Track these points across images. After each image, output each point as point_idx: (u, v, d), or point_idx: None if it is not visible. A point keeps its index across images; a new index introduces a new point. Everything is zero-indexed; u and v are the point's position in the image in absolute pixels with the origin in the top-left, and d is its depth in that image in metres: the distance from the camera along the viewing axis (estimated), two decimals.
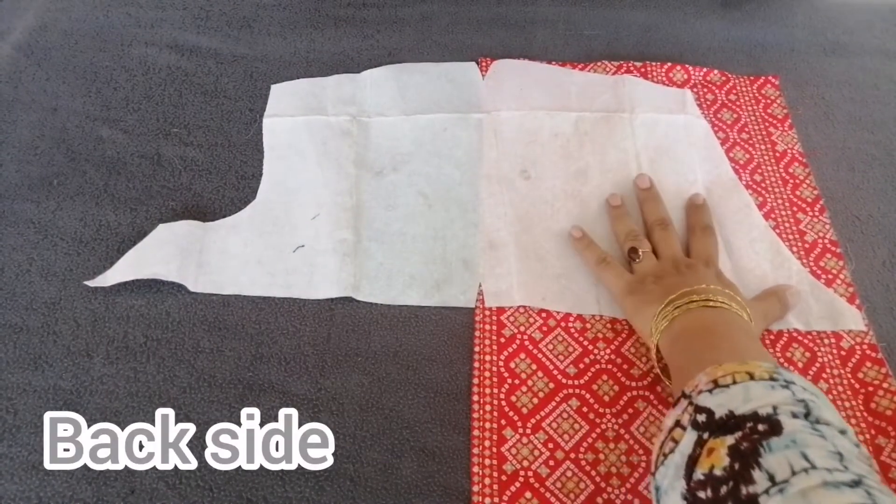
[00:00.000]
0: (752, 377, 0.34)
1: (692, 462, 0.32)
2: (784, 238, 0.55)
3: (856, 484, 0.27)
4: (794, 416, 0.31)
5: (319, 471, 0.44)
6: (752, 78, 0.65)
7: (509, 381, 0.48)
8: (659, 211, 0.53)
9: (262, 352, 0.49)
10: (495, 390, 0.48)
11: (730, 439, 0.31)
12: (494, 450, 0.45)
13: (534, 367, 0.49)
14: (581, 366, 0.49)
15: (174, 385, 0.48)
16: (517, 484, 0.44)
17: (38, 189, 0.58)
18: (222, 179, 0.59)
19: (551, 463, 0.45)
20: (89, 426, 0.46)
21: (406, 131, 0.61)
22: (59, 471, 0.44)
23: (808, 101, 0.64)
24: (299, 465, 0.44)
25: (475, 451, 0.45)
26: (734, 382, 0.34)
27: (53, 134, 0.61)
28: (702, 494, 0.31)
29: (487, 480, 0.44)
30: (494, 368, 0.49)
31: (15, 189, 0.58)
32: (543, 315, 0.51)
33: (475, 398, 0.47)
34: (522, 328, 0.50)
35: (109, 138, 0.61)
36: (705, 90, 0.64)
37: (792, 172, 0.59)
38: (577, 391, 0.47)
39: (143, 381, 0.48)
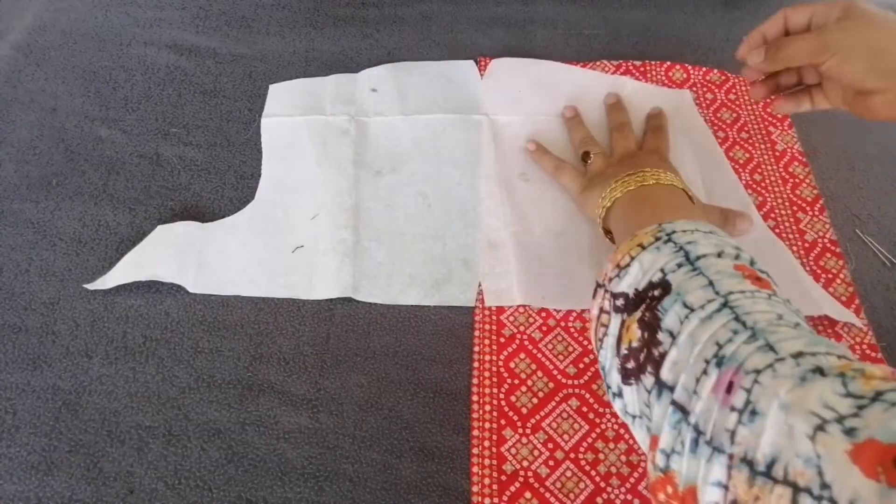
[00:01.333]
0: (642, 247, 0.38)
1: (619, 342, 0.37)
2: (784, 237, 0.55)
3: (722, 306, 0.32)
4: (679, 265, 0.35)
5: (319, 471, 0.44)
6: None
7: (509, 381, 0.48)
8: (619, 117, 0.58)
9: (262, 352, 0.49)
10: (495, 390, 0.48)
11: (638, 314, 0.36)
12: (494, 450, 0.45)
13: (533, 366, 0.49)
14: (581, 365, 0.49)
15: (173, 385, 0.48)
16: (517, 484, 0.44)
17: (37, 189, 0.58)
18: (221, 179, 0.59)
19: (551, 463, 0.45)
20: (88, 423, 0.46)
21: (405, 131, 0.61)
22: (58, 471, 0.44)
23: None
24: (299, 464, 0.44)
25: (475, 451, 0.45)
26: (631, 259, 0.38)
27: (52, 134, 0.61)
28: (629, 365, 0.35)
29: (487, 480, 0.44)
30: (494, 368, 0.48)
31: (14, 189, 0.57)
32: (543, 315, 0.51)
33: (475, 398, 0.47)
34: (522, 328, 0.50)
35: (108, 138, 0.61)
36: (705, 89, 0.64)
37: (792, 172, 0.59)
38: (577, 391, 0.47)
39: (143, 382, 0.48)
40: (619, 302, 0.37)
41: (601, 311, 0.39)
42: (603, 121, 0.61)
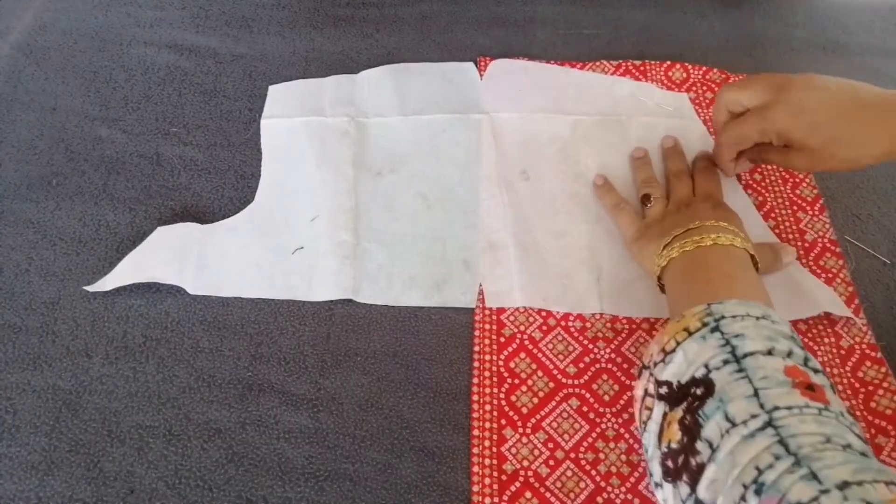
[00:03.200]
0: (688, 332, 0.38)
1: (661, 434, 0.36)
2: (784, 237, 0.55)
3: (766, 425, 0.31)
4: (725, 362, 0.35)
5: (319, 470, 0.44)
6: None
7: (509, 380, 0.48)
8: (678, 163, 0.56)
9: (262, 352, 0.49)
10: (495, 390, 0.48)
11: (679, 412, 0.35)
12: (494, 449, 0.45)
13: (534, 366, 0.49)
14: (581, 365, 0.49)
15: (173, 385, 0.48)
16: (517, 483, 0.44)
17: (37, 189, 0.58)
18: (221, 179, 0.59)
19: (551, 462, 0.45)
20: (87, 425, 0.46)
21: (404, 132, 0.61)
22: (59, 471, 0.44)
23: None
24: (299, 464, 0.44)
25: (475, 450, 0.45)
26: (677, 345, 0.38)
27: (52, 134, 0.61)
28: (669, 464, 0.35)
29: (487, 480, 0.44)
30: (494, 368, 0.48)
31: (14, 189, 0.58)
32: (543, 314, 0.51)
33: (475, 398, 0.47)
34: (522, 328, 0.50)
35: (108, 138, 0.61)
36: (705, 89, 0.64)
37: (792, 171, 0.59)
38: (577, 391, 0.47)
39: (143, 381, 0.48)
40: (663, 390, 0.37)
41: (646, 392, 0.39)
42: (600, 124, 0.61)
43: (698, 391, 0.35)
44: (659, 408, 0.37)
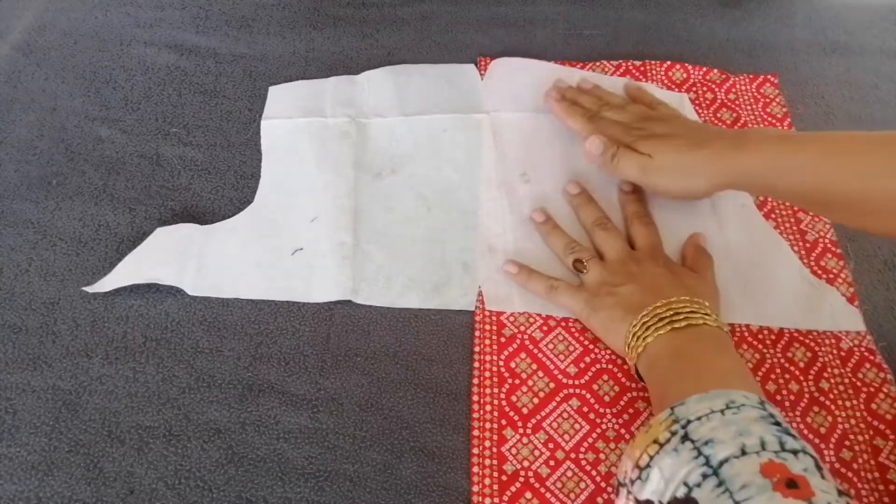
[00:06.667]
0: (658, 443, 0.36)
1: None
2: (785, 237, 0.54)
3: None
4: (704, 476, 0.33)
5: (319, 471, 0.44)
6: (751, 77, 0.65)
7: (509, 380, 0.48)
8: (595, 212, 0.54)
9: (262, 352, 0.49)
10: (495, 390, 0.48)
11: None
12: (494, 450, 0.45)
13: (534, 366, 0.49)
14: (581, 365, 0.49)
15: (173, 385, 0.48)
16: (517, 484, 0.44)
17: (37, 189, 0.58)
18: (221, 179, 0.59)
19: (552, 463, 0.45)
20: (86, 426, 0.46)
21: (405, 133, 0.61)
22: (59, 471, 0.44)
23: (808, 100, 0.64)
24: (299, 464, 0.44)
25: (475, 451, 0.45)
26: (650, 459, 0.36)
27: (52, 134, 0.61)
28: None
29: (487, 480, 0.44)
30: (494, 368, 0.48)
31: (14, 189, 0.57)
32: (544, 315, 0.51)
33: (475, 398, 0.47)
34: (523, 328, 0.50)
35: (108, 138, 0.61)
36: (705, 89, 0.64)
37: None
38: (578, 391, 0.47)
39: (143, 382, 0.48)
40: None
41: None
42: None
43: None
44: None
